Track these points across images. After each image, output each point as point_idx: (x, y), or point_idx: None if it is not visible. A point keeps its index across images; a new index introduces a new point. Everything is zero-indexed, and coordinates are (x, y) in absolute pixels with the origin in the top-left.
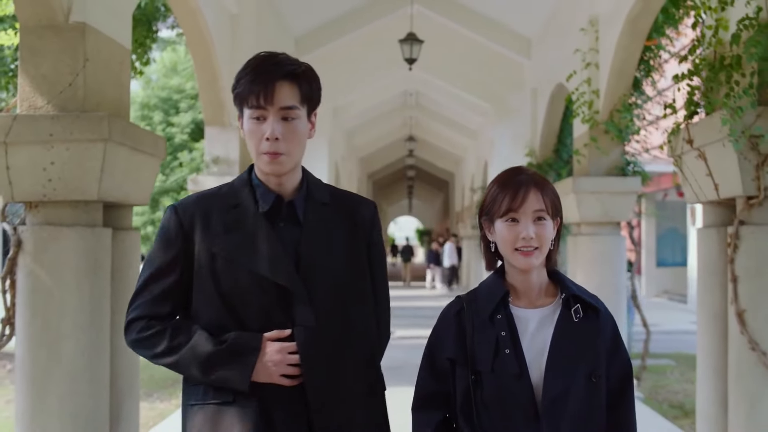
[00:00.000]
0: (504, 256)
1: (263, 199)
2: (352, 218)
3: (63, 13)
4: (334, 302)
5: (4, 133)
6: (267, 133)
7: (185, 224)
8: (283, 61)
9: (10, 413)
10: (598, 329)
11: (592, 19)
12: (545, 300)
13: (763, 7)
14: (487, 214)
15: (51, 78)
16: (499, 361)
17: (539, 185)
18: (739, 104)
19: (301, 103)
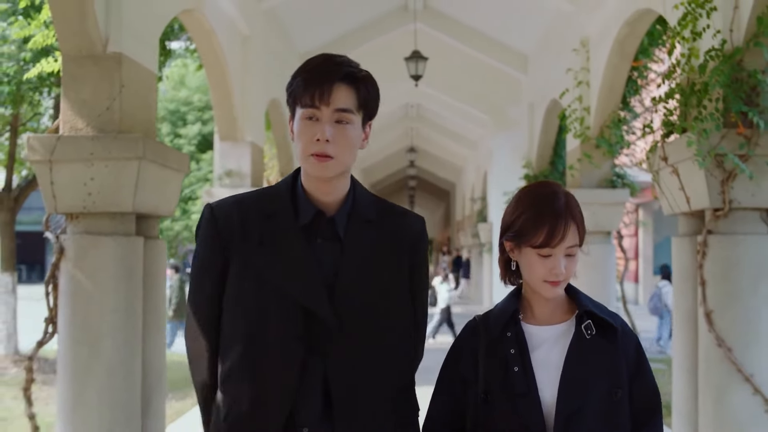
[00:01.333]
0: (528, 282)
1: (304, 212)
2: (397, 237)
3: (101, 43)
4: (370, 331)
5: (49, 152)
6: (318, 134)
7: (221, 228)
8: (343, 63)
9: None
10: (616, 347)
11: (583, 40)
12: (561, 317)
13: (728, 40)
14: (516, 238)
15: (90, 102)
16: (507, 379)
17: (576, 218)
18: (705, 127)
19: (357, 108)
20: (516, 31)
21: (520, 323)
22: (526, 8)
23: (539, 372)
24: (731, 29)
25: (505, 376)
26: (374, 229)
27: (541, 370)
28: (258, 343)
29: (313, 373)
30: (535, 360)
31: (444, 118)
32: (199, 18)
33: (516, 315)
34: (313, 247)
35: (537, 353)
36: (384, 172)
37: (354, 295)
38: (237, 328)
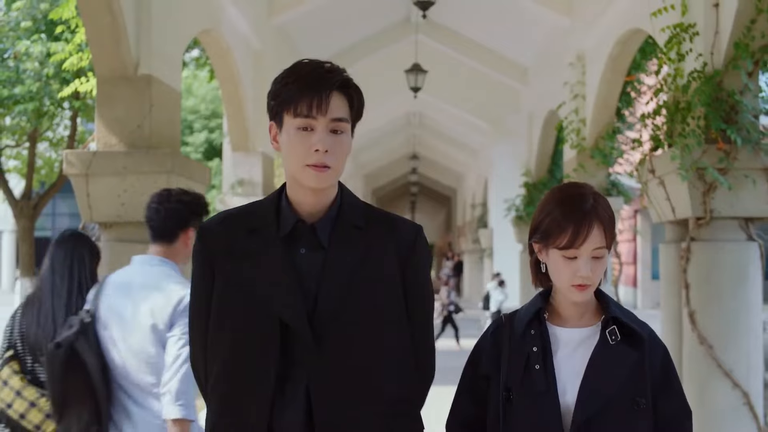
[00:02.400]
0: (556, 284)
1: (285, 223)
2: (389, 245)
3: (133, 66)
4: (354, 346)
5: (86, 166)
6: (317, 144)
7: (209, 244)
8: (336, 70)
9: None
10: (642, 355)
11: (579, 55)
12: (588, 321)
13: (709, 63)
14: (543, 240)
15: (123, 120)
16: (528, 377)
17: (602, 219)
18: (687, 142)
19: (349, 116)
20: (515, 43)
21: (545, 322)
22: (524, 22)
23: (561, 373)
24: (712, 53)
25: (527, 373)
26: (363, 236)
27: (563, 371)
28: (238, 357)
29: (294, 388)
30: (557, 361)
31: (445, 127)
32: (216, 37)
33: (541, 313)
34: (296, 258)
35: (560, 354)
36: (386, 178)
37: (336, 307)
38: (220, 342)
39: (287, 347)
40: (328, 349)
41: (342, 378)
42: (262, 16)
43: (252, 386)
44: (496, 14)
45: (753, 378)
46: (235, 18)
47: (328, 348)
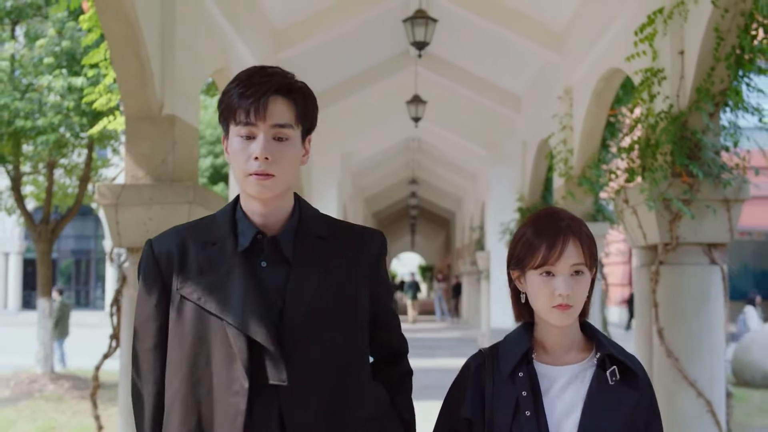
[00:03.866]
0: (536, 311)
1: (243, 235)
2: (354, 252)
3: (158, 107)
4: (323, 356)
5: (116, 197)
6: (256, 152)
7: (161, 263)
8: (277, 74)
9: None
10: (637, 395)
11: (567, 89)
12: (577, 356)
13: (675, 104)
14: (518, 264)
15: (149, 156)
16: (517, 424)
17: (578, 234)
18: (655, 177)
19: (295, 122)
20: (509, 74)
21: (533, 363)
22: (518, 56)
23: (551, 416)
24: (678, 95)
25: (516, 419)
26: (326, 245)
27: (553, 413)
28: (201, 378)
29: (265, 408)
30: (547, 403)
31: (444, 152)
32: (227, 74)
33: (529, 354)
34: (257, 272)
35: (549, 395)
36: (386, 201)
37: (304, 320)
38: (180, 365)
39: (254, 365)
40: (297, 365)
41: (314, 392)
42: (269, 53)
43: (222, 411)
44: (491, 48)
45: (715, 388)
46: (244, 55)
47: (296, 364)
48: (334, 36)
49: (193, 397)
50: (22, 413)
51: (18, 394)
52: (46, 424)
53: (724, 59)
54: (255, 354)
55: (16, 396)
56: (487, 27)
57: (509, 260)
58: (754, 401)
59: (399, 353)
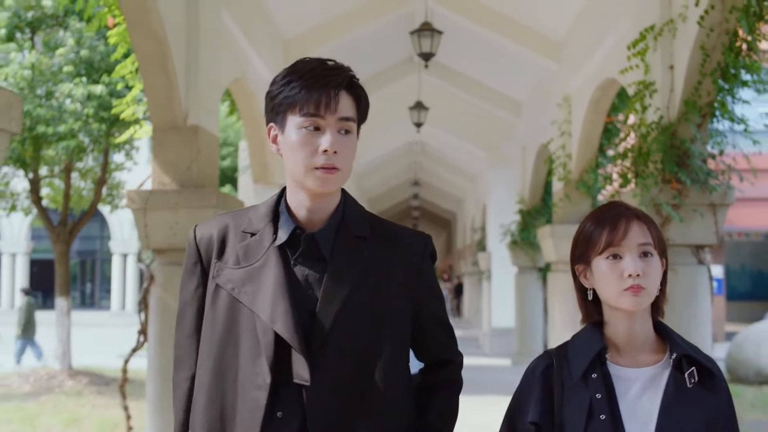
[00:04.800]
0: (605, 300)
1: (282, 229)
2: (394, 255)
3: (183, 118)
4: (352, 359)
5: (144, 202)
6: (325, 144)
7: (202, 248)
8: (341, 68)
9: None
10: (715, 397)
11: (565, 97)
12: (651, 358)
13: (665, 116)
14: (582, 256)
15: (174, 163)
16: (591, 428)
17: (642, 217)
18: (646, 183)
19: (356, 116)
20: (510, 81)
21: (607, 363)
22: (518, 63)
23: (628, 421)
24: (668, 107)
25: (590, 424)
26: (367, 247)
27: (630, 418)
28: (228, 369)
29: (288, 405)
30: (623, 407)
31: (445, 154)
32: (243, 84)
33: (603, 354)
34: (293, 268)
35: (625, 399)
36: (389, 202)
37: (336, 321)
38: (209, 353)
39: (280, 361)
40: (324, 365)
41: (336, 396)
42: (280, 61)
43: (244, 404)
44: (492, 55)
45: None
46: (259, 67)
47: (323, 364)
48: (341, 44)
49: (217, 387)
50: (45, 407)
51: (38, 390)
52: (69, 417)
53: (710, 74)
54: (281, 350)
55: (37, 391)
56: (489, 36)
57: (572, 257)
58: (747, 397)
59: (443, 361)
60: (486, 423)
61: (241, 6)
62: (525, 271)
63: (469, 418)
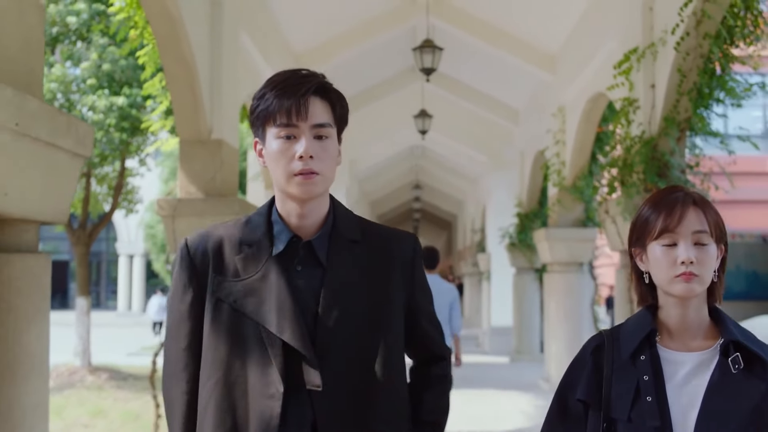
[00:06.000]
0: (659, 285)
1: (279, 239)
2: (387, 257)
3: (207, 132)
4: (355, 361)
5: (173, 209)
6: (300, 150)
7: (197, 262)
8: (311, 75)
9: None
10: (764, 384)
11: (560, 107)
12: (703, 343)
13: (647, 130)
14: (639, 240)
15: (200, 174)
16: (637, 409)
17: (699, 203)
18: (629, 192)
19: (332, 121)
20: (508, 90)
21: (656, 346)
22: (516, 74)
23: (674, 406)
24: (650, 122)
25: (636, 405)
26: (360, 249)
27: (676, 402)
28: (237, 382)
29: (298, 411)
30: (670, 390)
31: (446, 158)
32: None
33: (653, 336)
34: (292, 276)
35: (673, 383)
36: (391, 204)
37: (338, 324)
38: (215, 367)
39: (289, 370)
40: (331, 369)
41: (346, 394)
42: None
43: (257, 412)
44: (492, 66)
45: None
46: None
47: (330, 368)
48: (348, 57)
49: (227, 399)
50: (69, 400)
51: (61, 385)
52: (93, 409)
53: (686, 93)
54: (289, 358)
55: (60, 386)
56: (488, 49)
57: (630, 240)
58: None
59: (435, 357)
60: (485, 415)
61: (257, 26)
62: (522, 271)
63: (470, 411)
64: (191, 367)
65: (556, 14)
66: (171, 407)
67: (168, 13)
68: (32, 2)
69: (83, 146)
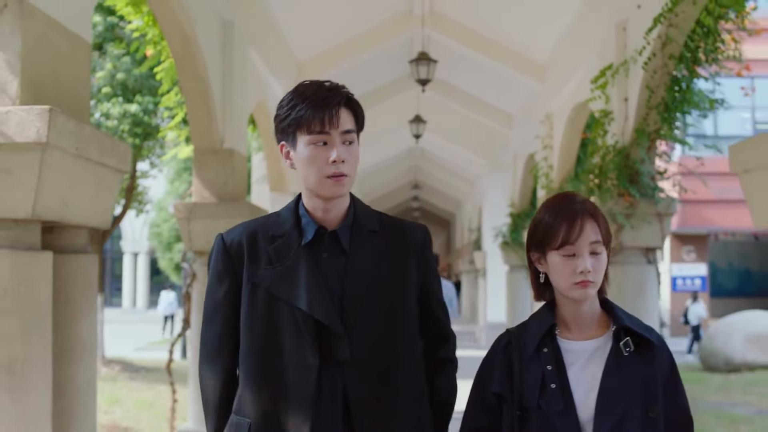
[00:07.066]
0: (557, 288)
1: (306, 230)
2: (403, 245)
3: (219, 142)
4: (378, 336)
5: (188, 212)
6: (334, 156)
7: (232, 253)
8: (337, 87)
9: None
10: (653, 364)
11: (548, 114)
12: (597, 331)
13: (620, 140)
14: (539, 247)
15: (213, 180)
16: (545, 396)
17: (594, 215)
18: (603, 196)
19: (356, 127)
20: (502, 96)
21: (557, 338)
22: (508, 82)
23: (576, 389)
24: (623, 133)
25: (542, 393)
26: (378, 238)
27: (577, 386)
28: (274, 357)
29: (330, 381)
30: (571, 376)
31: (444, 160)
32: (263, 107)
33: (553, 330)
34: (319, 262)
35: (573, 369)
36: (390, 203)
37: (362, 304)
38: (253, 345)
39: (320, 344)
40: (357, 343)
41: (373, 368)
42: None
43: (295, 385)
44: (485, 74)
45: None
46: (276, 90)
47: (356, 342)
48: (349, 64)
49: (265, 374)
50: None
51: None
52: (110, 398)
53: (655, 107)
54: (320, 334)
55: None
56: (481, 59)
57: (529, 244)
58: (714, 383)
59: (443, 338)
60: None
61: (263, 40)
62: (515, 269)
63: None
64: (227, 349)
65: (544, 27)
66: (207, 388)
67: (185, 35)
68: (82, 44)
69: (124, 163)
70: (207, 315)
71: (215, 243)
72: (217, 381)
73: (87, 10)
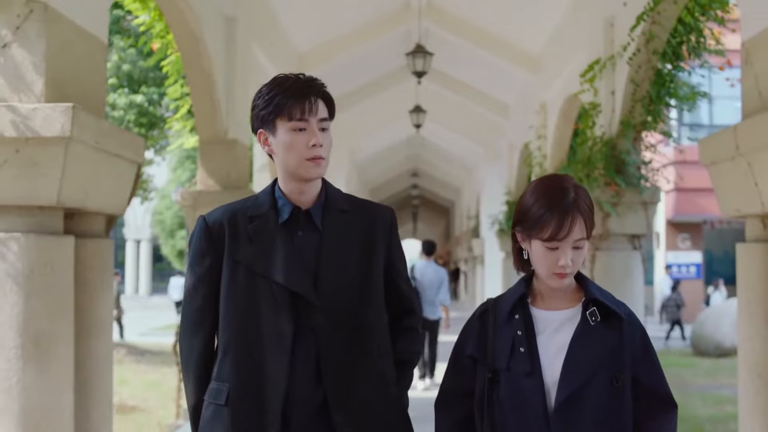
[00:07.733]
0: (537, 271)
1: (283, 211)
2: (370, 223)
3: (223, 132)
4: (348, 305)
5: (194, 200)
6: (313, 140)
7: (215, 234)
8: (313, 79)
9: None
10: (621, 335)
11: (542, 105)
12: (568, 303)
13: (607, 132)
14: (525, 230)
15: (217, 169)
16: (513, 359)
17: (583, 211)
18: (591, 185)
19: (329, 116)
20: (498, 86)
21: (528, 307)
22: (505, 72)
23: (544, 355)
24: (610, 125)
25: (511, 356)
26: (349, 217)
27: (546, 353)
28: (252, 326)
29: (304, 345)
30: (540, 343)
31: (443, 148)
32: None
33: (524, 299)
34: (295, 239)
35: (542, 336)
36: (390, 191)
37: (334, 276)
38: (233, 316)
39: (295, 313)
40: (329, 311)
41: (343, 335)
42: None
43: (272, 349)
44: (482, 64)
45: None
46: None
47: (328, 311)
48: (348, 54)
49: (243, 342)
50: None
51: None
52: (118, 379)
53: (640, 101)
54: (296, 305)
55: None
56: (478, 51)
57: (515, 222)
58: (703, 367)
59: (407, 311)
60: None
61: (265, 34)
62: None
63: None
64: (206, 322)
65: (538, 21)
66: (188, 358)
67: (191, 33)
68: (100, 45)
69: (138, 155)
70: (188, 290)
71: (197, 223)
72: (197, 351)
73: (104, 13)
